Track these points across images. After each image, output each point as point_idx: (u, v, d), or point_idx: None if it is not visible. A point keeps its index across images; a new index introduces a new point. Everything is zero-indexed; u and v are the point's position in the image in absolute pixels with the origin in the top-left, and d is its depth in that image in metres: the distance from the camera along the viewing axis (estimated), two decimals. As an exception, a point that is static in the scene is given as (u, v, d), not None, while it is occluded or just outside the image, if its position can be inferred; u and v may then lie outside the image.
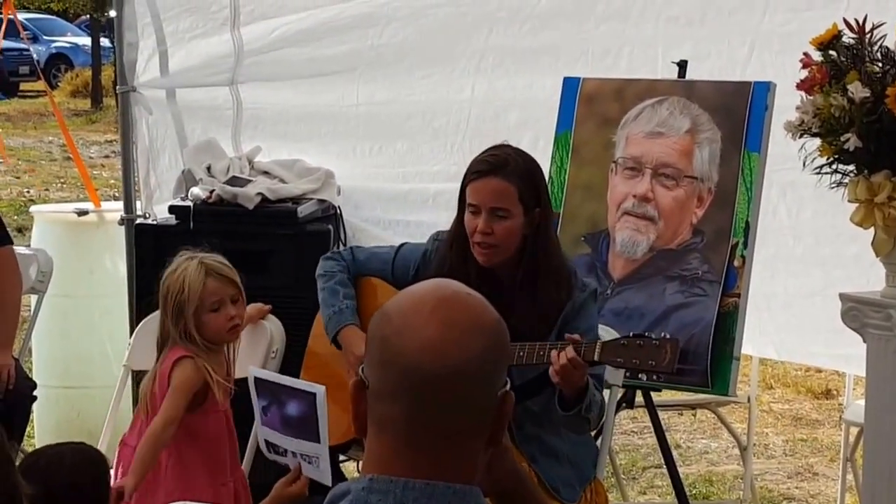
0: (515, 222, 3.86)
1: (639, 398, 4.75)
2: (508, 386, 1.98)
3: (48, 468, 3.12)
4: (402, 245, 4.23)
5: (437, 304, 1.94)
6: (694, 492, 6.08)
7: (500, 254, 3.88)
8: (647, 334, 3.75)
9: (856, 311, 3.83)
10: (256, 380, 3.77)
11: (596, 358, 3.68)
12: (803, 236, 5.05)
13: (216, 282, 4.05)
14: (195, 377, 4.02)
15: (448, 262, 3.95)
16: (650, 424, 4.74)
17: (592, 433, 4.16)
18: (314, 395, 3.55)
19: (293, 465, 3.65)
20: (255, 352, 4.57)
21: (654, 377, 4.22)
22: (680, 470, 5.11)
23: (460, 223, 3.94)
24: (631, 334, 3.76)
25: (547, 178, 4.79)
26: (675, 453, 5.74)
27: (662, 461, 4.80)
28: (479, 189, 3.88)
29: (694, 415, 6.96)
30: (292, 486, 3.49)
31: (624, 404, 4.73)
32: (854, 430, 5.21)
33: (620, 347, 3.70)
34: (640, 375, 4.17)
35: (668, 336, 3.77)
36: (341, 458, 4.80)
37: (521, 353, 3.74)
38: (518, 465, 2.38)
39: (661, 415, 4.99)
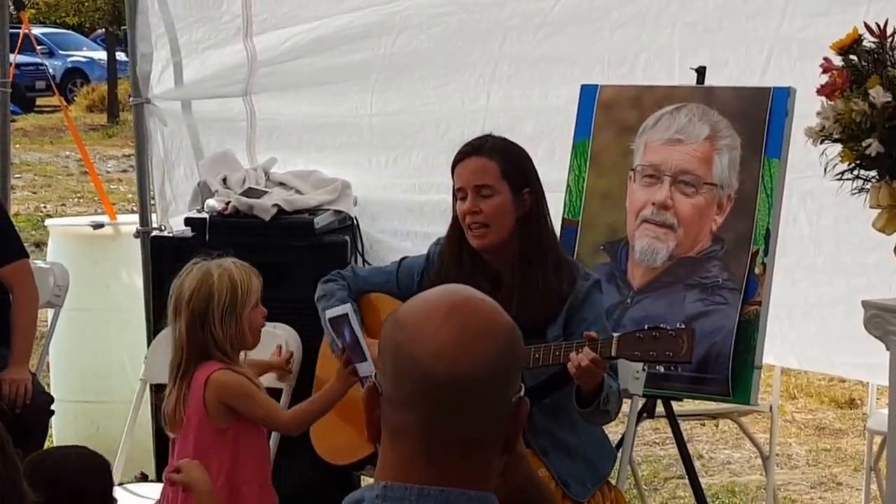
0: (502, 199, 3.88)
1: (660, 408, 4.72)
2: (522, 392, 1.96)
3: (55, 470, 3.07)
4: (403, 259, 4.25)
5: (450, 310, 1.92)
6: (717, 502, 6.04)
7: (493, 234, 3.89)
8: (662, 326, 3.72)
9: (879, 319, 3.79)
10: (331, 319, 3.90)
11: (613, 353, 3.66)
12: (824, 244, 5.01)
13: (257, 278, 3.96)
14: (244, 380, 3.89)
15: (446, 256, 3.97)
16: (672, 435, 4.70)
17: (611, 437, 4.12)
18: (346, 315, 3.79)
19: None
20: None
21: (673, 367, 4.19)
22: (702, 480, 5.07)
23: (454, 217, 3.98)
24: (646, 327, 3.74)
25: (565, 187, 4.78)
26: (697, 464, 5.71)
27: (684, 472, 4.75)
28: (462, 171, 3.93)
29: (716, 425, 6.93)
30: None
31: (645, 414, 4.69)
32: (878, 440, 5.18)
33: (637, 340, 3.68)
34: (658, 368, 4.14)
35: (683, 325, 3.75)
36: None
37: (537, 356, 3.72)
38: (535, 471, 2.34)
39: (684, 425, 4.96)
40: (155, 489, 4.29)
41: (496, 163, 3.88)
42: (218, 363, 3.87)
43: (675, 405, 4.73)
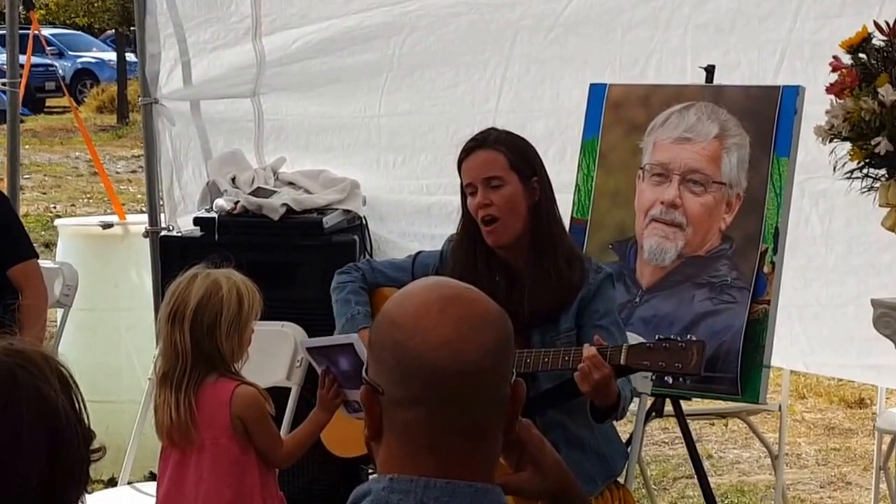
0: (513, 190, 3.87)
1: (668, 407, 4.71)
2: (514, 376, 2.00)
3: None
4: (418, 253, 4.25)
5: (444, 303, 1.95)
6: (725, 502, 6.04)
7: (507, 228, 3.87)
8: (672, 337, 3.72)
9: (888, 318, 3.80)
10: (310, 349, 3.87)
11: (622, 361, 3.65)
12: (836, 245, 5.00)
13: (260, 295, 3.86)
14: (264, 402, 3.82)
15: (460, 257, 3.97)
16: (681, 434, 4.69)
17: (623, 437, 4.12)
18: (351, 344, 3.69)
19: None
20: (278, 361, 4.54)
21: (681, 380, 4.19)
22: (711, 480, 5.07)
23: (465, 215, 3.97)
24: (657, 337, 3.73)
25: (574, 186, 4.77)
26: (706, 463, 5.71)
27: (693, 471, 4.75)
28: (469, 166, 3.94)
29: (725, 425, 6.92)
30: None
31: (654, 413, 4.69)
32: (887, 439, 5.17)
33: (646, 350, 3.67)
34: (666, 378, 4.13)
35: (693, 338, 3.73)
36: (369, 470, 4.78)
37: (546, 360, 3.71)
38: (558, 456, 2.33)
39: (693, 425, 4.95)
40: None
41: (503, 154, 3.89)
42: (230, 377, 3.80)
43: (684, 404, 4.72)
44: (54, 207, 14.63)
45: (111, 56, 27.85)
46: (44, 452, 1.83)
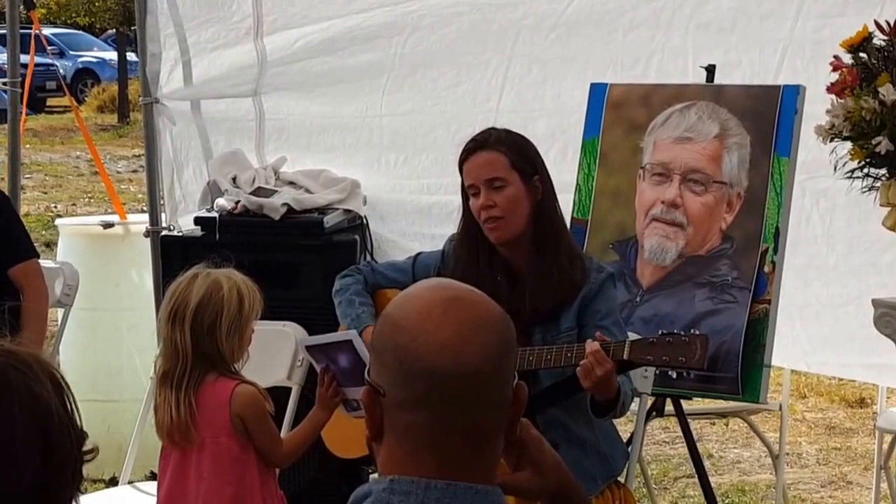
0: (515, 190, 3.89)
1: (669, 407, 4.71)
2: (517, 378, 2.00)
3: None
4: (418, 254, 4.26)
5: (446, 305, 1.95)
6: (726, 501, 6.04)
7: (510, 226, 3.89)
8: (676, 332, 3.73)
9: (889, 317, 3.80)
10: (309, 347, 3.91)
11: (625, 356, 3.65)
12: (836, 245, 5.00)
13: (260, 294, 3.85)
14: (263, 401, 3.82)
15: (461, 256, 3.98)
16: (682, 434, 4.70)
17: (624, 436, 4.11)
18: (350, 341, 3.71)
19: None
20: (278, 360, 4.54)
21: (685, 374, 4.19)
22: (712, 480, 5.07)
23: (467, 215, 3.98)
24: (660, 332, 3.74)
25: (574, 186, 4.77)
26: (707, 463, 5.71)
27: (694, 471, 4.75)
28: (471, 168, 3.95)
29: (726, 424, 6.93)
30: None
31: (654, 413, 4.69)
32: (888, 438, 5.17)
33: (650, 345, 3.68)
34: (670, 372, 4.14)
35: (697, 332, 3.74)
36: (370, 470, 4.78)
37: (549, 357, 3.72)
38: (558, 456, 2.33)
39: (693, 424, 4.95)
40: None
41: (504, 154, 3.90)
42: (229, 376, 3.80)
43: (685, 404, 4.72)
44: (55, 207, 14.64)
45: (112, 55, 27.87)
46: (37, 452, 1.82)
